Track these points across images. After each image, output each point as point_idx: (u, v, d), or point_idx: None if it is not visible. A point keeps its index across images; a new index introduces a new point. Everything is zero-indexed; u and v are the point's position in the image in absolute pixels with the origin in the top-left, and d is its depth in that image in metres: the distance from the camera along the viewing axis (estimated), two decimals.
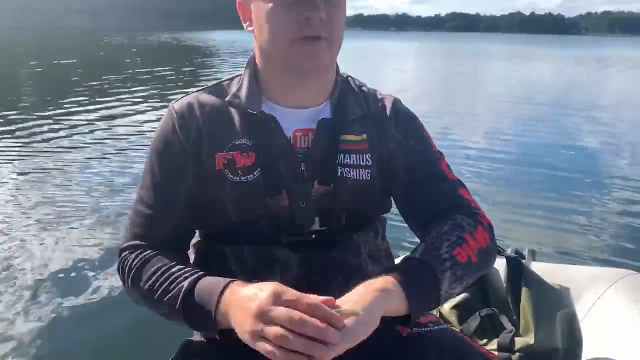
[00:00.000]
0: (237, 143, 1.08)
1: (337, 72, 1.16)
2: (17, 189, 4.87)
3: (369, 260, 1.13)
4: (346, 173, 1.09)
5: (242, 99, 1.10)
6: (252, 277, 0.96)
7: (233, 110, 1.10)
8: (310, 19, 0.98)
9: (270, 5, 1.01)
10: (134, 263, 1.05)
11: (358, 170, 1.09)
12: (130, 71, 17.21)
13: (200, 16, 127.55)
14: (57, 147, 6.52)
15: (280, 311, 0.79)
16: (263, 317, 0.80)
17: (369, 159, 1.11)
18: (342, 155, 1.09)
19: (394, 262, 1.21)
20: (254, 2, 1.06)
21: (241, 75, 1.15)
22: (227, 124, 1.09)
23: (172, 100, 1.17)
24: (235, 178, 1.06)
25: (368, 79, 1.31)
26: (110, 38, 41.76)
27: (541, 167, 6.21)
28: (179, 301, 0.95)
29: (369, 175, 1.10)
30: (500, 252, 1.60)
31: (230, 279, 0.94)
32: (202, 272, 0.98)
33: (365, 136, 1.12)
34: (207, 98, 1.12)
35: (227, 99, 1.11)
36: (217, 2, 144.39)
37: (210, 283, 0.95)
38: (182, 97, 1.15)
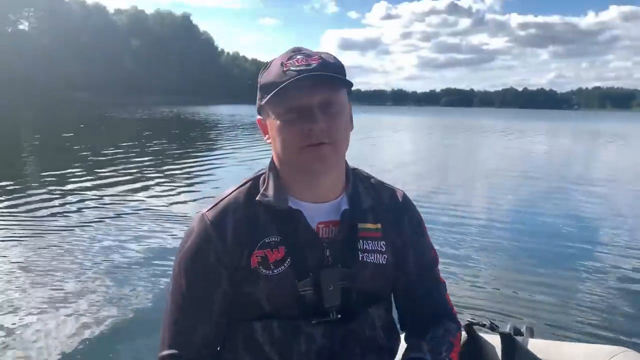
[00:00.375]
0: (267, 241, 1.20)
1: (347, 167, 1.31)
2: (16, 262, 4.82)
3: (382, 333, 1.28)
4: (366, 257, 1.24)
5: (270, 197, 1.22)
6: (278, 347, 1.17)
7: (262, 208, 1.22)
8: (311, 130, 1.13)
9: (279, 122, 1.16)
10: None
11: (376, 255, 1.25)
12: (130, 144, 17.35)
13: (203, 91, 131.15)
14: (56, 220, 6.47)
15: None
16: None
17: (383, 246, 1.27)
18: (361, 242, 1.24)
19: (398, 333, 1.35)
20: (268, 120, 1.21)
21: (264, 173, 1.28)
22: (258, 223, 1.21)
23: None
24: (268, 272, 1.18)
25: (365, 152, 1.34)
26: (112, 112, 42.47)
27: (537, 240, 6.22)
28: None
29: (385, 259, 1.26)
30: (494, 329, 1.62)
31: None
32: None
33: (379, 225, 1.28)
34: (237, 201, 1.24)
35: (257, 198, 1.23)
36: (219, 78, 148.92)
37: None
38: (213, 205, 1.24)
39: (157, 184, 9.60)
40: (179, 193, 8.87)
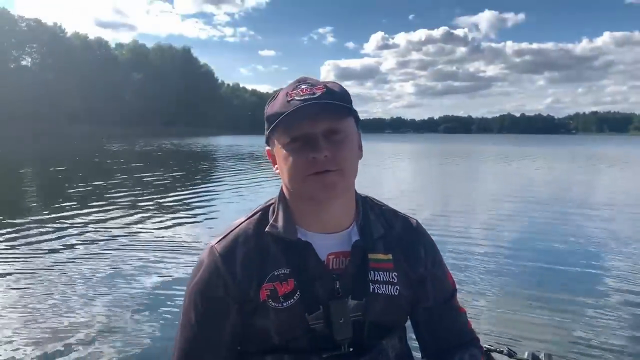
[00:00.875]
0: (276, 273, 1.18)
1: (357, 197, 1.28)
2: (16, 291, 4.89)
3: None
4: (377, 289, 1.21)
5: (279, 228, 1.21)
6: None
7: (271, 240, 1.21)
8: (315, 158, 1.11)
9: (285, 151, 1.16)
10: None
11: (387, 286, 1.22)
12: (125, 176, 17.49)
13: (203, 122, 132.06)
14: (52, 253, 6.50)
15: None
16: None
17: (394, 277, 1.24)
18: (372, 273, 1.22)
19: None
20: (275, 150, 1.21)
21: (273, 204, 1.27)
22: (267, 256, 1.20)
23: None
24: (277, 305, 1.16)
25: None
26: (111, 144, 42.76)
27: (548, 264, 6.22)
28: None
29: (397, 290, 1.23)
30: (512, 355, 1.65)
31: None
32: None
33: (390, 256, 1.25)
34: (247, 232, 1.23)
35: (266, 229, 1.22)
36: (220, 109, 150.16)
37: None
38: (222, 237, 1.24)
39: (155, 215, 9.59)
40: (179, 224, 8.88)
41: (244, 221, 1.27)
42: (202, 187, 15.03)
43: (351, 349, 1.17)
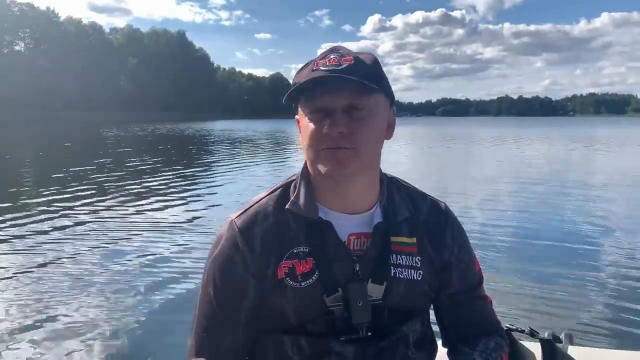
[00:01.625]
0: (295, 251, 1.15)
1: (382, 177, 1.23)
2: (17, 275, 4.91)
3: (414, 348, 1.20)
4: (399, 273, 1.17)
5: (301, 206, 1.17)
6: None
7: (291, 217, 1.17)
8: (328, 133, 1.07)
9: (305, 120, 1.12)
10: None
11: (410, 271, 1.18)
12: (125, 160, 17.26)
13: (199, 107, 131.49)
14: (49, 236, 6.45)
15: None
16: None
17: (418, 261, 1.19)
18: (394, 256, 1.17)
19: (436, 344, 1.29)
20: (300, 119, 1.16)
21: (295, 180, 1.23)
22: (287, 233, 1.16)
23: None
24: (295, 284, 1.13)
25: None
26: (109, 131, 42.50)
27: (570, 246, 6.18)
28: None
29: (420, 275, 1.19)
30: (534, 335, 1.58)
31: None
32: None
33: (415, 239, 1.20)
34: (267, 208, 1.19)
35: (287, 206, 1.18)
36: (216, 94, 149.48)
37: None
38: (242, 211, 1.20)
39: (149, 199, 9.57)
40: (176, 206, 8.88)
41: (264, 197, 1.22)
42: (195, 171, 14.87)
43: (369, 334, 1.13)
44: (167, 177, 13.28)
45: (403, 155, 20.38)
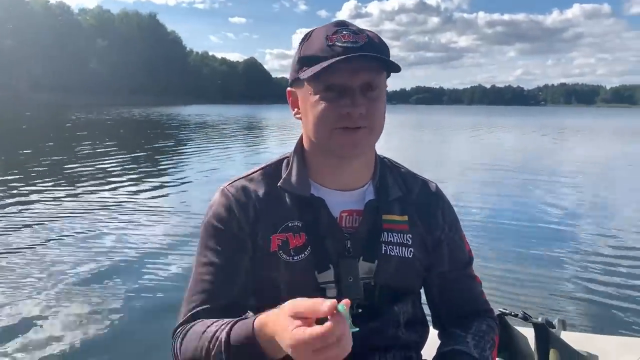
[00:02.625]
0: (289, 225, 1.15)
1: (376, 155, 1.24)
2: None
3: (404, 329, 1.20)
4: (390, 250, 1.17)
5: (293, 182, 1.17)
6: None
7: (284, 193, 1.17)
8: (350, 113, 1.06)
9: (316, 97, 1.09)
10: (181, 340, 1.07)
11: (400, 248, 1.18)
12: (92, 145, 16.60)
13: (172, 91, 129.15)
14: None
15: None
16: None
17: (409, 239, 1.19)
18: (385, 234, 1.18)
19: (427, 325, 1.29)
20: (301, 92, 1.14)
21: (288, 157, 1.22)
22: (280, 206, 1.16)
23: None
24: (288, 258, 1.13)
25: None
26: (79, 114, 41.25)
27: (559, 232, 6.25)
28: (223, 353, 0.97)
29: (411, 253, 1.19)
30: (527, 319, 1.58)
31: (253, 317, 0.97)
32: (232, 321, 1.00)
33: (406, 217, 1.21)
34: (259, 182, 1.19)
35: (279, 183, 1.18)
36: (188, 78, 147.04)
37: (239, 326, 0.98)
38: (234, 180, 1.21)
39: (103, 183, 9.28)
40: (145, 190, 8.62)
41: (256, 171, 1.21)
42: (166, 157, 14.34)
43: (360, 311, 1.12)
44: (125, 160, 12.92)
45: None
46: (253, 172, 1.21)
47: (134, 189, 9.00)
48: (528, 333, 1.62)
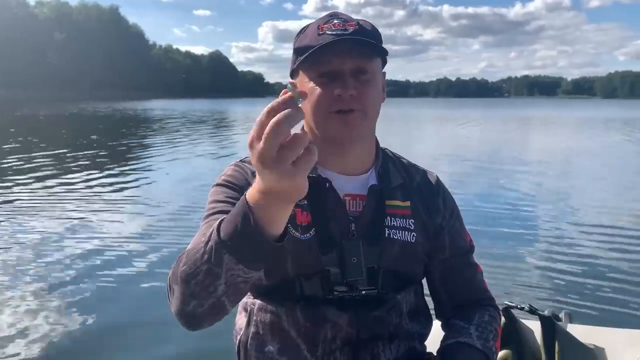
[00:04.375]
0: (298, 201, 1.15)
1: (377, 143, 1.28)
2: None
3: (408, 318, 1.22)
4: (393, 234, 1.19)
5: None
6: (304, 333, 1.14)
7: None
8: (341, 95, 1.09)
9: (311, 84, 1.13)
10: (176, 264, 0.98)
11: (403, 232, 1.20)
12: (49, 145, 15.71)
13: (135, 86, 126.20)
14: None
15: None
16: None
17: (411, 224, 1.22)
18: (388, 218, 1.20)
19: (431, 317, 1.30)
20: (298, 83, 1.17)
21: None
22: None
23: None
24: (295, 233, 1.14)
25: None
26: (29, 110, 39.53)
27: (563, 225, 6.21)
28: (214, 230, 0.89)
29: (413, 237, 1.21)
30: (534, 312, 1.58)
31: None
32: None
33: (408, 203, 1.24)
34: None
35: None
36: (152, 72, 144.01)
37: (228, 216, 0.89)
38: (246, 157, 1.20)
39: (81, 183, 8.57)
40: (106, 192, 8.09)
41: None
42: (135, 157, 13.60)
43: (363, 292, 1.13)
44: (121, 163, 12.05)
45: None
46: None
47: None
48: (534, 326, 1.61)
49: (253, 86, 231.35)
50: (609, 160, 13.31)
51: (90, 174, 10.24)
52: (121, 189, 8.82)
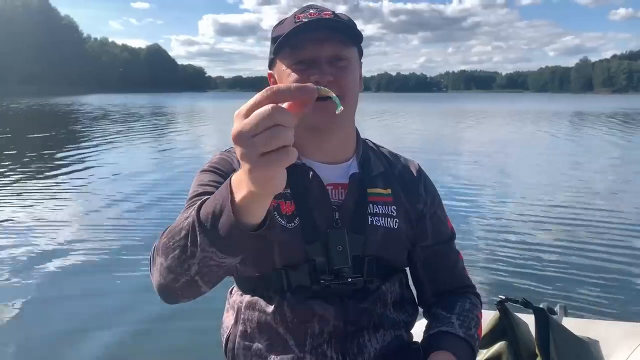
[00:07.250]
0: (282, 191, 1.12)
1: (357, 132, 1.29)
2: None
3: (393, 309, 1.23)
4: (376, 221, 1.20)
5: None
6: (292, 328, 1.14)
7: None
8: (317, 82, 1.09)
9: (288, 71, 1.14)
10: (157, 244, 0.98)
11: (386, 219, 1.21)
12: None
13: (67, 80, 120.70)
14: None
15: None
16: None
17: (393, 210, 1.23)
18: (370, 205, 1.21)
19: (417, 308, 1.32)
20: (277, 72, 1.19)
21: None
22: None
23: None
24: (282, 221, 1.14)
25: None
26: None
27: (562, 218, 6.15)
28: (195, 209, 0.87)
29: (396, 224, 1.22)
30: (528, 305, 1.58)
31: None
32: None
33: (390, 190, 1.25)
34: None
35: None
36: (86, 65, 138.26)
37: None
38: (232, 147, 1.19)
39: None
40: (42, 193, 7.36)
41: None
42: (73, 154, 12.76)
43: (350, 280, 1.14)
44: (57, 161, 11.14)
45: None
46: None
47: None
48: (529, 319, 1.62)
49: (194, 80, 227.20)
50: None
51: (16, 170, 9.52)
52: (54, 183, 8.20)
